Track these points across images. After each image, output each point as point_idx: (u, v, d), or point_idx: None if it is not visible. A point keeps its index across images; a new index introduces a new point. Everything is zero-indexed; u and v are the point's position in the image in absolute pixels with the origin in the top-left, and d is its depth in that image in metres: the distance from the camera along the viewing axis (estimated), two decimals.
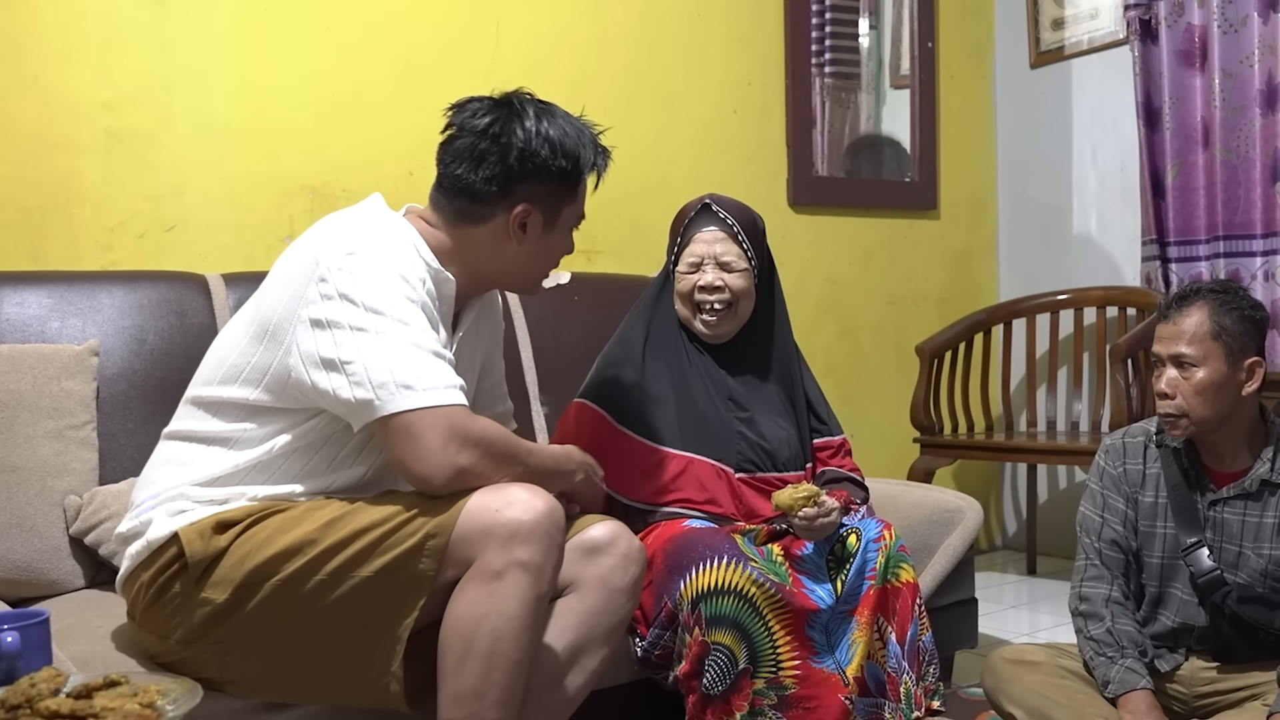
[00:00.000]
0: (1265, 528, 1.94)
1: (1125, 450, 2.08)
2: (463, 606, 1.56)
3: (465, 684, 1.55)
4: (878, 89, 4.14)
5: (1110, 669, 1.94)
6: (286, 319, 1.63)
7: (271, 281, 1.72)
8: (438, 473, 1.56)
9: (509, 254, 1.81)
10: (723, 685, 1.88)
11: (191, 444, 1.70)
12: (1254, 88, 3.36)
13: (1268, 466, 1.94)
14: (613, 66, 3.34)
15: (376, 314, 1.59)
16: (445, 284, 1.76)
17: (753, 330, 2.25)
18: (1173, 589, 2.01)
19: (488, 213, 1.77)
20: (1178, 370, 1.92)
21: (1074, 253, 4.06)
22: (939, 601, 2.45)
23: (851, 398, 3.80)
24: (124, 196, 2.60)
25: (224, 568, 1.58)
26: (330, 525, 1.58)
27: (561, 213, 1.83)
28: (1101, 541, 2.05)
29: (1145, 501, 2.04)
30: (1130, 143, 3.73)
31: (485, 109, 1.78)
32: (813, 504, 1.99)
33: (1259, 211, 3.38)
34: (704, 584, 1.90)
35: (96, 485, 2.10)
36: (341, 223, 1.74)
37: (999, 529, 4.35)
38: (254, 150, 2.77)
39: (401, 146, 2.94)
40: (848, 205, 3.90)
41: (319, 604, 1.57)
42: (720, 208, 2.19)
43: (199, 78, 2.69)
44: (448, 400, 1.58)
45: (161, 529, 1.62)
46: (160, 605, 1.63)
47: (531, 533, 1.55)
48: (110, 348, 2.24)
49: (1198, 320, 1.91)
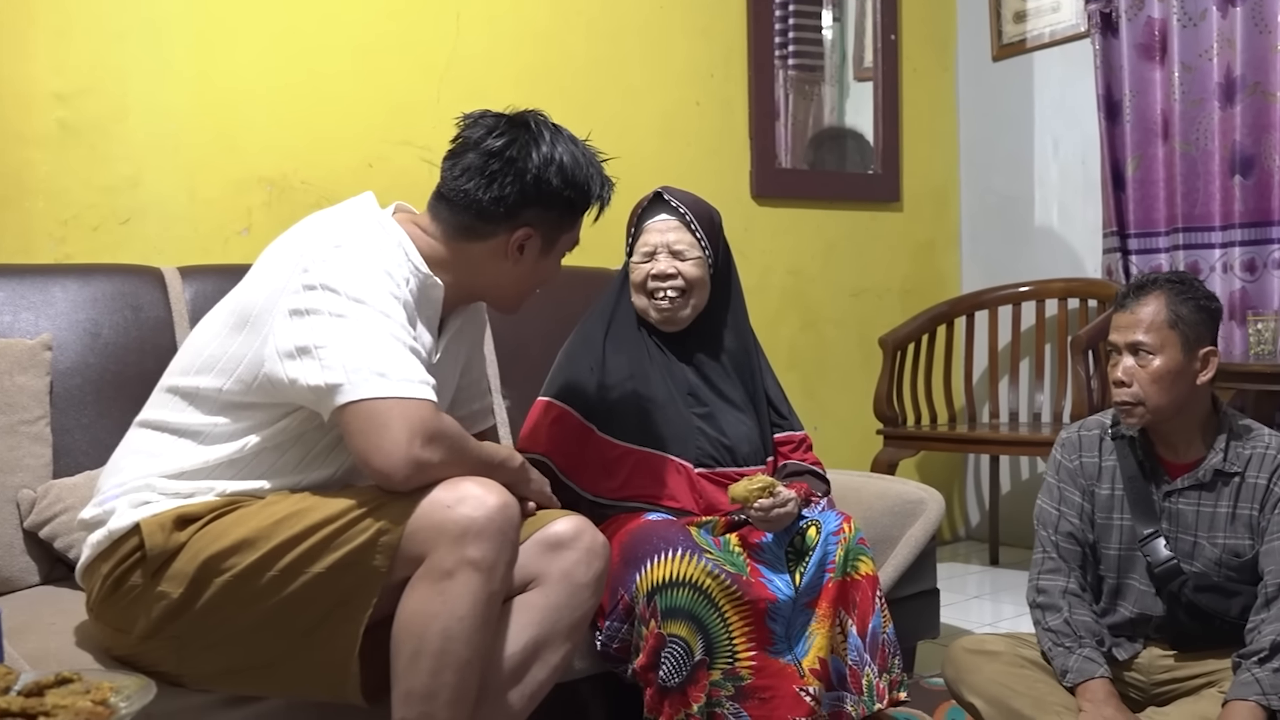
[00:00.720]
0: (1219, 517, 1.97)
1: (1081, 443, 2.10)
2: (413, 605, 1.55)
3: (416, 683, 1.56)
4: (841, 81, 4.16)
5: (1068, 658, 1.97)
6: (267, 309, 1.63)
7: (255, 272, 1.72)
8: (399, 466, 1.55)
9: (501, 273, 1.81)
10: (679, 677, 1.89)
11: (163, 434, 1.70)
12: (1213, 81, 3.40)
13: (1220, 456, 1.96)
14: (574, 58, 3.33)
15: (358, 303, 1.59)
16: (433, 289, 1.76)
17: (712, 324, 2.25)
18: (1130, 580, 2.04)
19: (490, 231, 1.77)
20: (1134, 358, 1.94)
21: (1035, 245, 4.10)
22: (901, 592, 2.47)
23: (815, 390, 3.83)
24: (77, 189, 2.58)
25: (180, 561, 1.58)
26: (283, 521, 1.57)
27: (560, 239, 1.84)
28: (1058, 534, 2.07)
29: (1101, 494, 2.06)
30: (1091, 135, 3.77)
31: (501, 129, 1.77)
32: (768, 494, 2.00)
33: (1218, 204, 3.43)
34: (659, 576, 1.91)
35: (50, 480, 2.08)
36: (330, 218, 1.75)
37: (962, 520, 4.39)
38: (210, 142, 2.74)
39: (360, 137, 2.93)
40: (811, 198, 3.92)
41: (272, 600, 1.56)
42: (672, 197, 2.20)
43: (153, 68, 2.67)
44: (420, 394, 1.57)
45: (124, 519, 1.61)
46: (118, 597, 1.62)
47: (483, 530, 1.55)
48: (64, 342, 2.22)
49: (1155, 309, 1.94)
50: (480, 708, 1.65)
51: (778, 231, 3.82)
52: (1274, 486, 1.94)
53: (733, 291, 2.30)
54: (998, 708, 1.98)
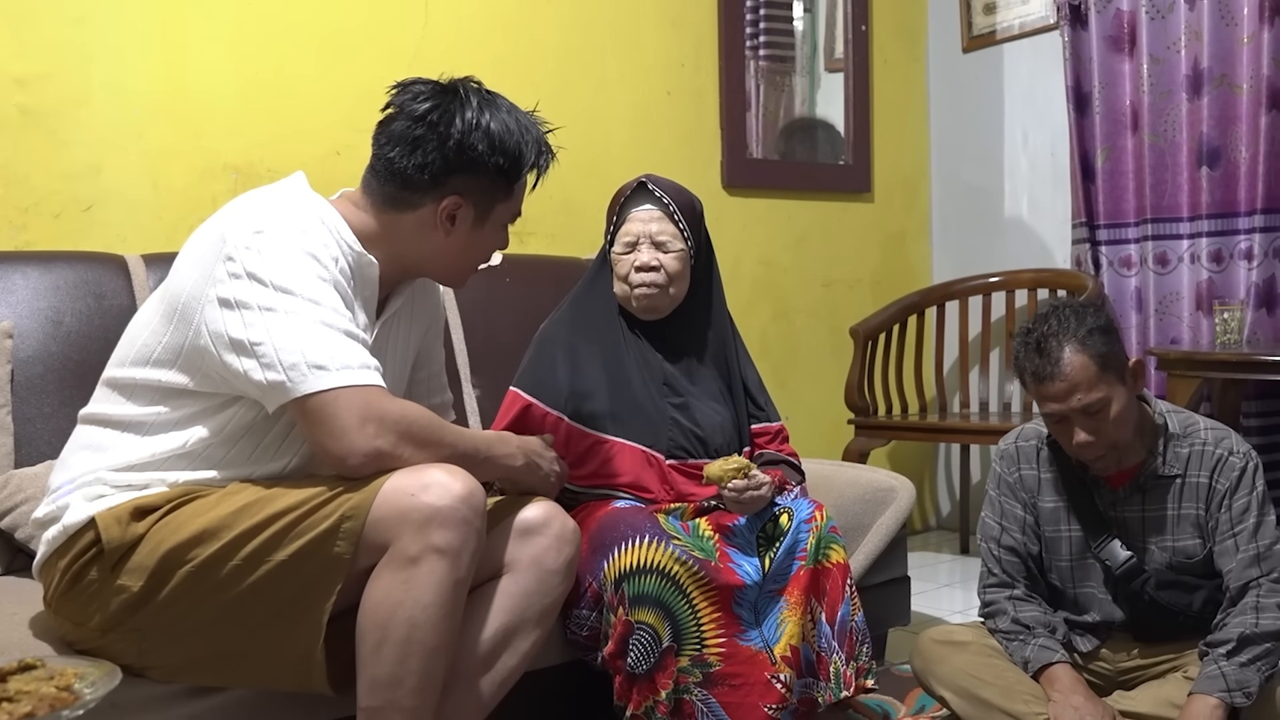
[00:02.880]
0: (1165, 520, 1.97)
1: (1019, 455, 2.09)
2: (378, 593, 1.55)
3: (381, 671, 1.55)
4: (812, 72, 4.17)
5: (1025, 649, 1.99)
6: (195, 298, 1.61)
7: (181, 259, 1.68)
8: (354, 454, 1.55)
9: (435, 244, 1.78)
10: (647, 664, 1.89)
11: (107, 429, 1.68)
12: (1181, 73, 3.43)
13: (1159, 460, 1.96)
14: (544, 47, 3.33)
15: (285, 293, 1.56)
16: (368, 266, 1.73)
17: (690, 314, 2.25)
18: (1087, 588, 2.05)
19: (416, 200, 1.74)
20: (1089, 419, 1.87)
21: (1005, 236, 4.13)
22: (872, 580, 2.48)
23: (786, 380, 3.84)
24: (38, 175, 2.55)
25: (139, 554, 1.56)
26: (244, 510, 1.56)
27: (494, 209, 1.80)
28: (1001, 549, 2.08)
29: (1045, 507, 2.06)
30: (1060, 127, 3.80)
31: (428, 94, 1.74)
32: (743, 476, 2.00)
33: (1185, 195, 3.46)
34: (626, 563, 1.91)
35: (11, 470, 2.06)
36: (252, 201, 1.71)
37: (933, 509, 4.42)
38: (174, 128, 2.72)
39: (327, 125, 2.91)
40: (782, 188, 3.93)
41: (234, 589, 1.55)
42: (656, 187, 2.19)
43: (115, 52, 2.64)
44: (362, 380, 1.56)
45: (78, 514, 1.60)
46: (76, 592, 1.60)
47: (448, 518, 1.53)
48: (25, 330, 2.20)
49: (1080, 363, 1.85)
50: (450, 695, 1.65)
51: (749, 221, 3.83)
52: (1216, 484, 1.94)
53: (713, 281, 2.30)
54: (966, 699, 2.00)
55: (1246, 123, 3.31)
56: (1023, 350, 1.91)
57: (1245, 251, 3.33)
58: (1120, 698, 1.97)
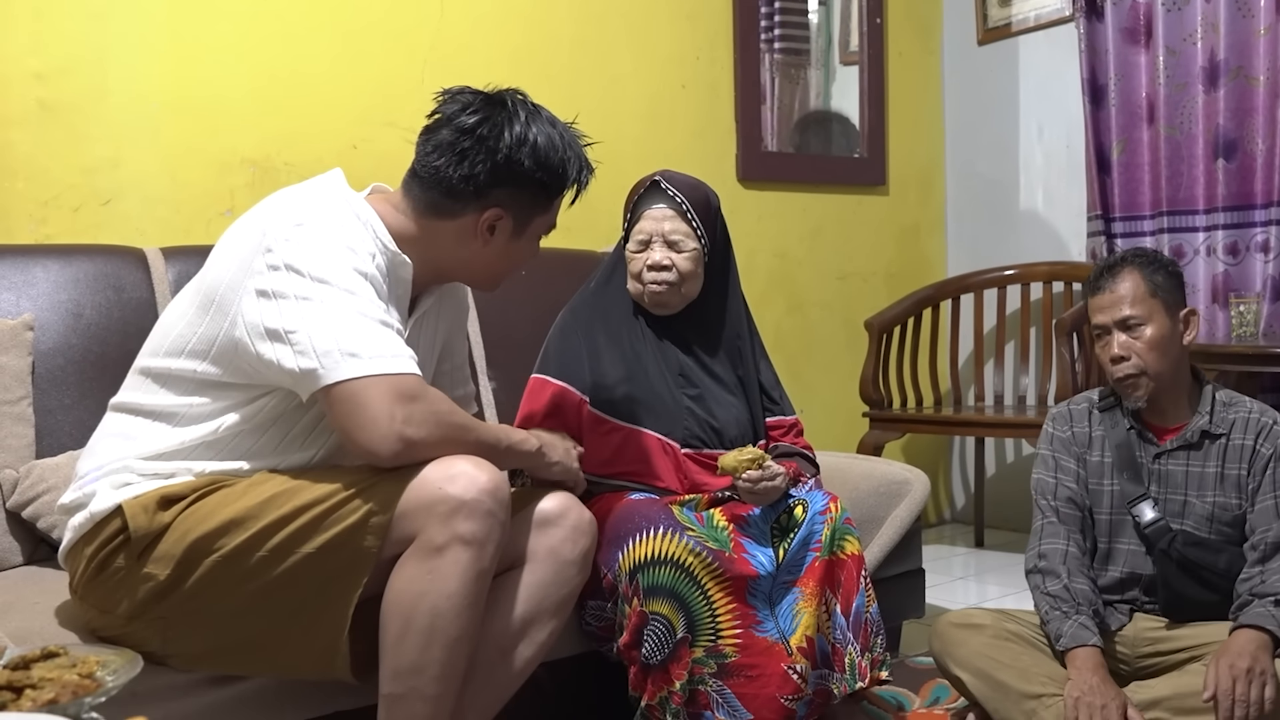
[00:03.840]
0: (1208, 476, 2.05)
1: (1071, 415, 2.18)
2: (402, 582, 1.56)
3: (405, 659, 1.57)
4: (827, 65, 4.17)
5: (1064, 624, 2.00)
6: (232, 289, 1.62)
7: (219, 252, 1.70)
8: (384, 443, 1.55)
9: (472, 253, 1.79)
10: (661, 655, 1.90)
11: (137, 417, 1.69)
12: (1197, 65, 3.42)
13: (1206, 418, 2.06)
14: (558, 40, 3.33)
15: (322, 283, 1.57)
16: (401, 267, 1.74)
17: (706, 307, 2.25)
18: (1119, 543, 2.10)
19: (458, 210, 1.75)
20: (1126, 333, 2.02)
21: (1021, 229, 4.12)
22: (886, 572, 2.49)
23: (801, 373, 3.84)
24: (58, 169, 2.57)
25: (166, 543, 1.57)
26: (272, 500, 1.57)
27: (533, 221, 1.82)
28: (1057, 500, 2.12)
29: (1093, 460, 2.13)
30: (1076, 119, 3.79)
31: (476, 106, 1.74)
32: (757, 467, 2.01)
33: (1201, 187, 3.45)
34: (640, 555, 1.92)
35: (33, 460, 2.08)
36: (292, 195, 1.73)
37: (947, 502, 4.42)
38: (191, 123, 2.74)
39: (344, 120, 2.92)
40: (796, 181, 3.93)
41: (261, 580, 1.56)
42: (670, 185, 2.18)
43: (133, 48, 2.66)
44: (395, 369, 1.56)
45: (105, 501, 1.61)
46: (102, 579, 1.62)
47: (474, 509, 1.55)
48: (46, 322, 2.22)
49: (1133, 283, 2.03)
50: (468, 685, 1.67)
51: (763, 215, 3.83)
52: (1260, 448, 2.04)
53: (730, 274, 2.30)
54: (984, 680, 2.01)
55: (1263, 114, 3.30)
56: (1092, 273, 2.12)
57: (1261, 244, 3.32)
58: (1137, 688, 1.97)
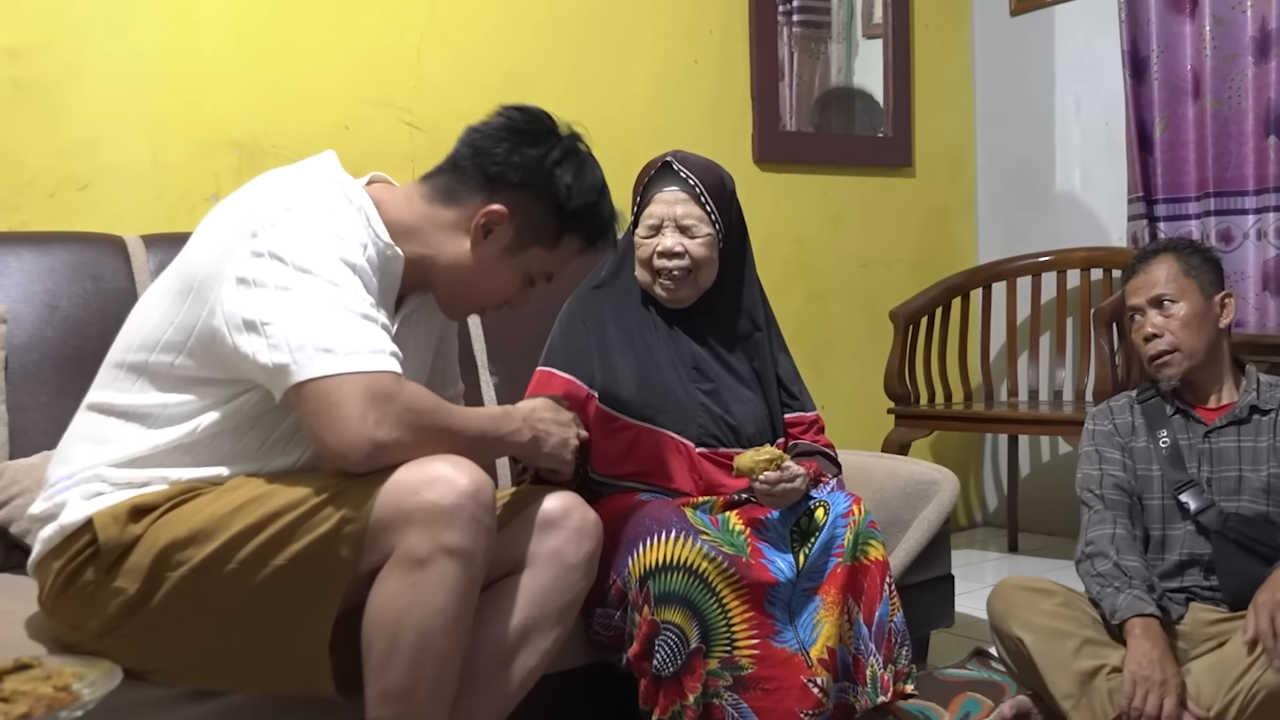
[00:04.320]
0: (1260, 451, 2.14)
1: (1112, 410, 2.29)
2: (385, 598, 1.54)
3: (393, 681, 1.55)
4: (849, 39, 4.15)
5: (1117, 598, 2.02)
6: (213, 276, 1.61)
7: (200, 235, 1.69)
8: (353, 447, 1.51)
9: (457, 251, 1.77)
10: (674, 666, 1.89)
11: (110, 418, 1.68)
12: (1246, 34, 3.40)
13: (1254, 394, 2.18)
14: (562, 14, 3.32)
15: (305, 273, 1.56)
16: (393, 260, 1.72)
17: (721, 297, 2.24)
18: (1174, 528, 2.15)
19: (465, 196, 1.75)
20: (1158, 311, 2.15)
21: (1056, 212, 4.10)
22: (913, 578, 2.48)
23: (821, 366, 3.83)
24: (31, 152, 2.57)
25: (135, 555, 1.56)
26: (241, 510, 1.55)
27: (531, 248, 1.80)
28: (1104, 488, 2.19)
29: (1138, 447, 2.22)
30: (1116, 94, 3.77)
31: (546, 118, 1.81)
32: (775, 468, 2.00)
33: (1251, 166, 3.43)
34: (652, 560, 1.91)
35: (6, 460, 2.08)
36: (282, 177, 1.71)
37: (979, 504, 4.41)
38: (174, 102, 2.73)
39: (335, 97, 2.92)
40: (817, 162, 3.92)
41: (233, 594, 1.55)
42: (682, 166, 2.16)
43: (111, 22, 2.65)
44: (372, 366, 1.53)
45: (76, 513, 1.60)
46: (71, 594, 1.61)
47: (454, 516, 1.52)
48: (19, 315, 2.22)
49: (1167, 265, 2.18)
50: (467, 696, 1.66)
51: (782, 198, 3.81)
52: None
53: (745, 262, 2.29)
54: (1048, 642, 2.02)
55: None
56: (1132, 258, 2.25)
57: None
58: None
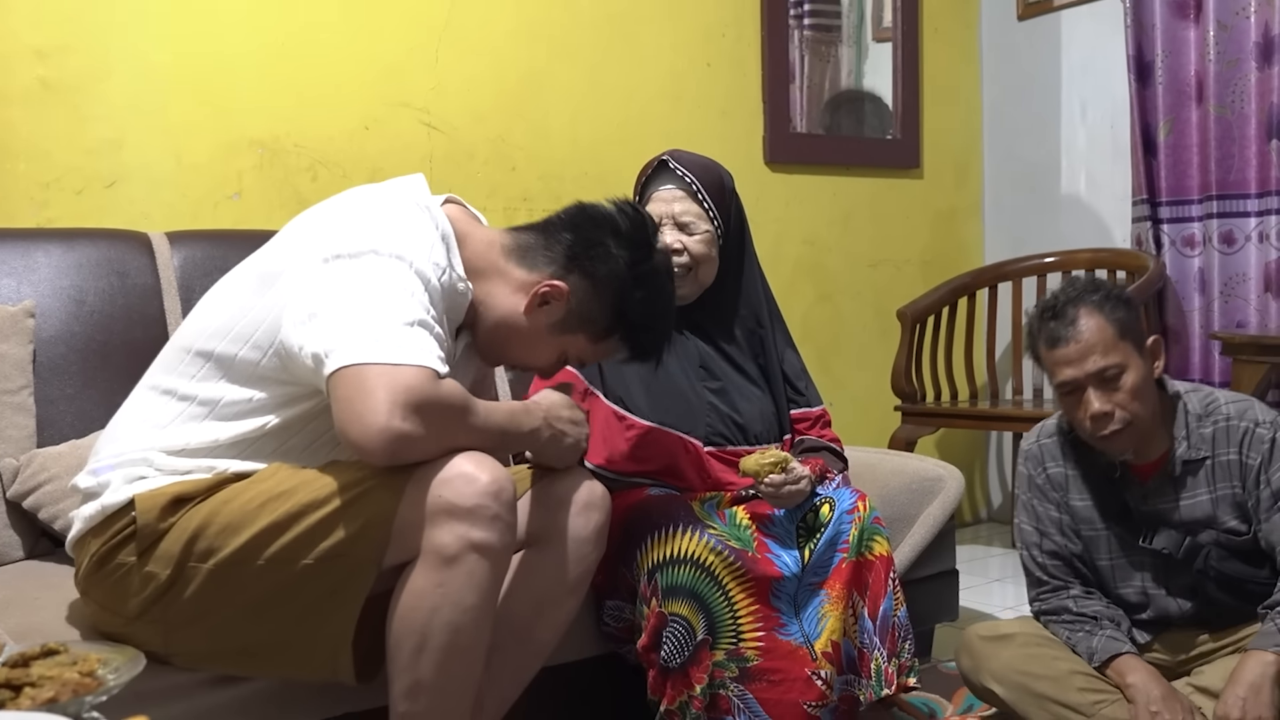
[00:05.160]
0: (1201, 507, 1.96)
1: (1043, 454, 2.10)
2: (413, 597, 1.54)
3: (423, 677, 1.55)
4: (859, 42, 4.14)
5: (1091, 640, 1.99)
6: (287, 273, 1.62)
7: (283, 236, 1.71)
8: (376, 437, 1.48)
9: (508, 309, 1.76)
10: (681, 657, 1.90)
11: (170, 400, 1.67)
12: (1250, 40, 3.38)
13: (1185, 445, 1.95)
14: (579, 15, 3.32)
15: (375, 277, 1.56)
16: (464, 294, 1.73)
17: (723, 294, 2.23)
18: (1130, 586, 2.04)
19: (538, 265, 1.76)
20: (1103, 387, 1.87)
21: (1062, 213, 4.09)
22: (918, 573, 2.48)
23: (830, 365, 3.83)
24: (60, 151, 2.58)
25: (168, 541, 1.58)
26: (267, 505, 1.56)
27: (576, 333, 1.79)
28: (1044, 555, 2.08)
29: (1078, 505, 2.06)
30: (1121, 98, 3.75)
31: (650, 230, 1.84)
32: (780, 470, 1.99)
33: (1254, 170, 3.41)
34: (659, 554, 1.91)
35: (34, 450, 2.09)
36: (371, 194, 1.73)
37: (983, 501, 4.40)
38: (198, 102, 2.74)
39: (356, 98, 2.92)
40: (827, 164, 3.91)
41: (259, 588, 1.56)
42: (679, 164, 2.15)
43: (136, 24, 2.66)
44: (411, 360, 1.50)
45: (118, 494, 1.61)
46: (105, 574, 1.62)
47: (478, 514, 1.52)
48: (47, 309, 2.23)
49: (1097, 325, 1.87)
50: (486, 670, 1.66)
51: (792, 199, 3.81)
52: (1247, 459, 1.93)
53: (746, 259, 2.27)
54: (1019, 692, 2.00)
55: None
56: (1037, 320, 1.94)
57: None
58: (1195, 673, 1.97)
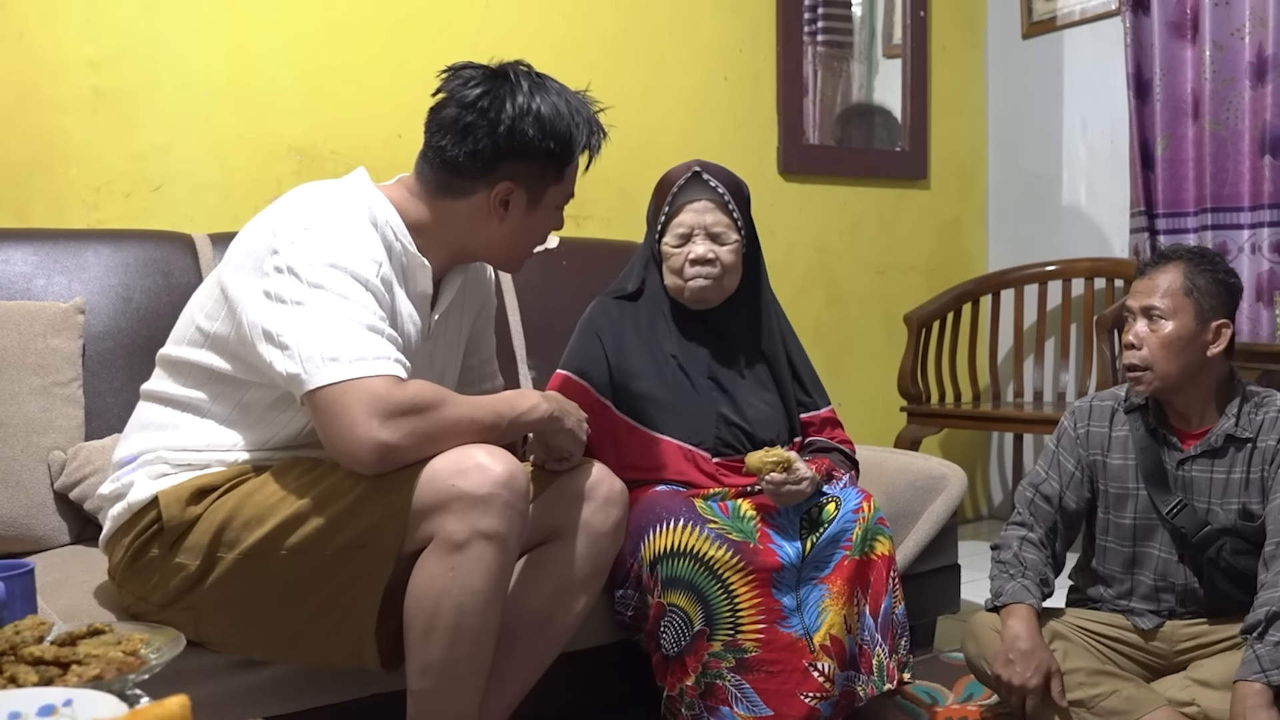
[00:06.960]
0: (1232, 483, 1.97)
1: (1091, 413, 2.13)
2: (424, 581, 1.55)
3: (432, 656, 1.57)
4: (870, 58, 4.13)
5: (1005, 584, 2.03)
6: (240, 289, 1.62)
7: (236, 247, 1.70)
8: (362, 451, 1.50)
9: (489, 231, 1.76)
10: (679, 647, 1.90)
11: (167, 407, 1.71)
12: (1244, 60, 3.36)
13: (1232, 422, 1.98)
14: (602, 31, 3.32)
15: (317, 288, 1.55)
16: (419, 270, 1.72)
17: (738, 303, 2.21)
18: (1149, 548, 2.05)
19: (469, 187, 1.73)
20: (1146, 322, 1.98)
21: (1063, 224, 4.07)
22: (922, 567, 2.47)
23: (839, 367, 3.82)
24: (110, 155, 2.60)
25: (196, 534, 1.59)
26: (287, 499, 1.57)
27: (546, 192, 1.77)
28: (1035, 493, 2.12)
29: (1114, 464, 2.07)
30: (1120, 114, 3.73)
31: (478, 79, 1.72)
32: (782, 469, 1.97)
33: (1247, 184, 3.39)
34: (660, 546, 1.91)
35: (82, 442, 2.11)
36: (307, 196, 1.71)
37: (985, 499, 4.38)
38: (240, 111, 2.76)
39: (390, 108, 2.93)
40: (838, 174, 3.90)
41: (282, 579, 1.57)
42: (710, 176, 2.14)
43: (185, 36, 2.68)
44: (374, 371, 1.51)
45: (143, 491, 1.63)
46: (138, 568, 1.64)
47: (489, 503, 1.53)
48: (96, 306, 2.25)
49: (1172, 277, 1.97)
50: (507, 657, 1.68)
51: (804, 207, 3.80)
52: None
53: (760, 268, 2.26)
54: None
55: None
56: (1154, 254, 2.06)
57: None
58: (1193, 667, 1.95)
